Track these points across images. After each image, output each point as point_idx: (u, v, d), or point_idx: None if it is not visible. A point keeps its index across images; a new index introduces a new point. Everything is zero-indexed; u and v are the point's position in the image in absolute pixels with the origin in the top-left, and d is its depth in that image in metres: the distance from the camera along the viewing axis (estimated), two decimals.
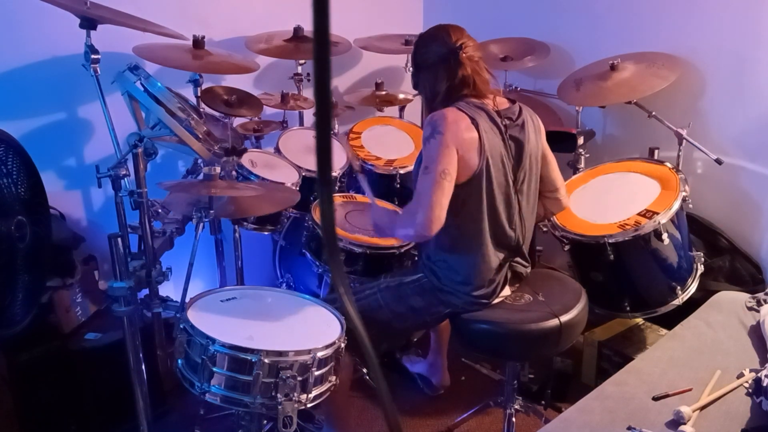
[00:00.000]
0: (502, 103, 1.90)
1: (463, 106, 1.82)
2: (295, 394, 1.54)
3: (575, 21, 2.92)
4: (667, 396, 1.61)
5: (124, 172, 1.67)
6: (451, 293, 1.91)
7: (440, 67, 1.84)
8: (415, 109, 3.23)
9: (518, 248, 1.94)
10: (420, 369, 2.57)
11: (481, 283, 1.89)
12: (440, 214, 1.73)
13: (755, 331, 1.90)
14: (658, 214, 2.06)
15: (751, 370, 1.66)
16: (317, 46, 0.50)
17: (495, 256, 1.89)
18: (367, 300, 1.97)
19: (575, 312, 1.87)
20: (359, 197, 2.58)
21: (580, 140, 2.61)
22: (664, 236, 2.04)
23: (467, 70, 1.83)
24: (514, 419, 2.15)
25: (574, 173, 2.54)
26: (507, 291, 1.97)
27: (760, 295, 2.07)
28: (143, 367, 1.82)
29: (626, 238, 2.06)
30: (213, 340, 1.53)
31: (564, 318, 1.84)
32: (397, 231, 1.86)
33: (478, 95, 1.86)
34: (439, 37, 1.87)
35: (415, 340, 2.73)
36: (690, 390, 1.63)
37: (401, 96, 3.04)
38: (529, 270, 2.02)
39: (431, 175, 1.74)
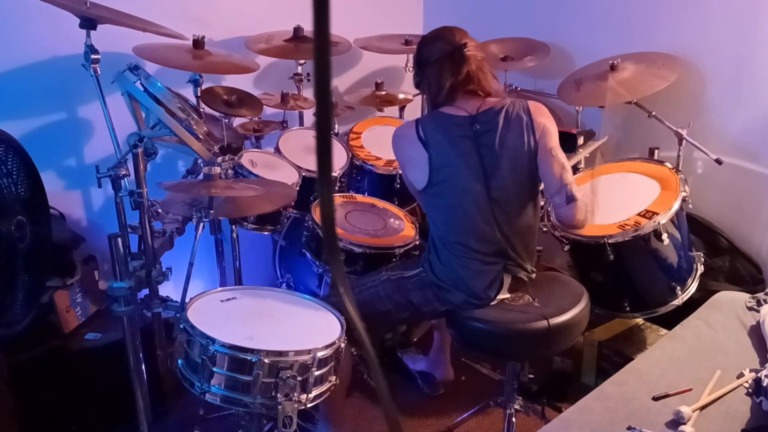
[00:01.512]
0: (487, 103, 1.89)
1: (423, 118, 1.93)
2: (295, 394, 1.53)
3: (575, 21, 2.92)
4: (667, 396, 1.61)
5: (124, 172, 1.68)
6: (448, 291, 1.92)
7: (445, 63, 1.87)
8: (415, 109, 3.23)
9: (505, 252, 1.90)
10: (422, 366, 2.57)
11: (470, 285, 1.89)
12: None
13: (755, 331, 1.90)
14: (658, 214, 2.06)
15: (751, 370, 1.66)
16: (317, 46, 0.50)
17: (477, 259, 1.88)
18: (368, 291, 1.99)
19: (568, 316, 1.86)
20: (359, 197, 2.58)
21: (580, 140, 2.60)
22: (664, 236, 2.04)
23: (472, 66, 1.86)
24: (514, 419, 2.15)
25: (574, 173, 2.53)
26: (507, 294, 1.96)
27: (760, 295, 2.07)
28: (143, 367, 1.82)
29: (626, 239, 2.06)
30: (213, 340, 1.53)
31: (554, 320, 1.83)
32: None
33: (483, 91, 1.89)
34: (443, 36, 1.90)
35: (416, 339, 2.73)
36: (690, 390, 1.62)
37: (401, 96, 3.04)
38: (533, 275, 1.99)
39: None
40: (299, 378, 1.54)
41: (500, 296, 1.94)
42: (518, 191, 1.89)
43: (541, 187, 1.97)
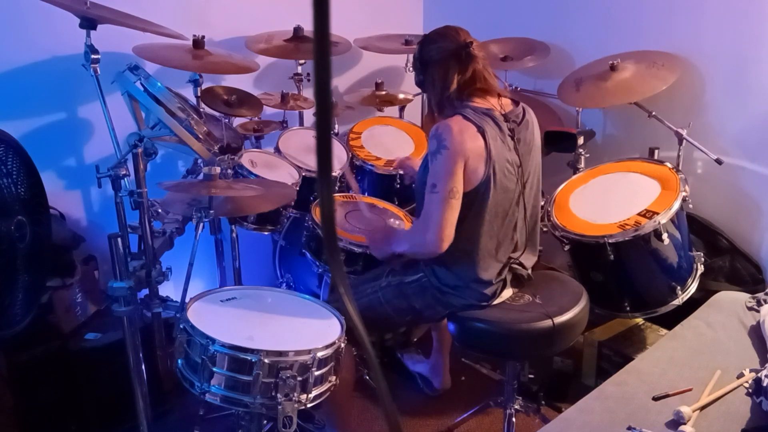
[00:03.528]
0: (507, 104, 1.90)
1: (469, 114, 1.80)
2: (295, 394, 1.53)
3: (575, 21, 2.92)
4: (667, 396, 1.61)
5: (124, 172, 1.67)
6: (451, 294, 1.91)
7: (451, 62, 1.84)
8: (415, 109, 3.23)
9: (516, 255, 1.93)
10: (421, 369, 2.57)
11: (480, 287, 1.89)
12: (450, 233, 1.77)
13: (755, 331, 1.90)
14: (658, 214, 2.06)
15: (751, 370, 1.66)
16: (317, 46, 0.50)
17: (495, 262, 1.88)
18: (368, 298, 1.98)
19: (570, 314, 1.87)
20: (359, 197, 2.58)
21: (580, 140, 2.60)
22: (664, 236, 2.04)
23: (478, 65, 1.84)
24: (514, 419, 2.15)
25: (574, 173, 2.54)
26: (509, 293, 1.96)
27: (760, 295, 2.07)
28: (143, 367, 1.82)
29: (626, 238, 2.06)
30: (213, 340, 1.53)
31: (557, 320, 1.83)
32: (402, 247, 1.90)
33: (488, 91, 1.86)
34: (448, 35, 1.87)
35: (416, 339, 2.73)
36: (690, 390, 1.63)
37: (401, 96, 3.04)
38: (529, 271, 2.00)
39: (439, 195, 1.76)
40: (299, 378, 1.54)
41: (502, 295, 1.94)
42: (538, 189, 1.95)
43: None
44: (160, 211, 1.92)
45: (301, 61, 2.85)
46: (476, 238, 1.84)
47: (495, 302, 1.93)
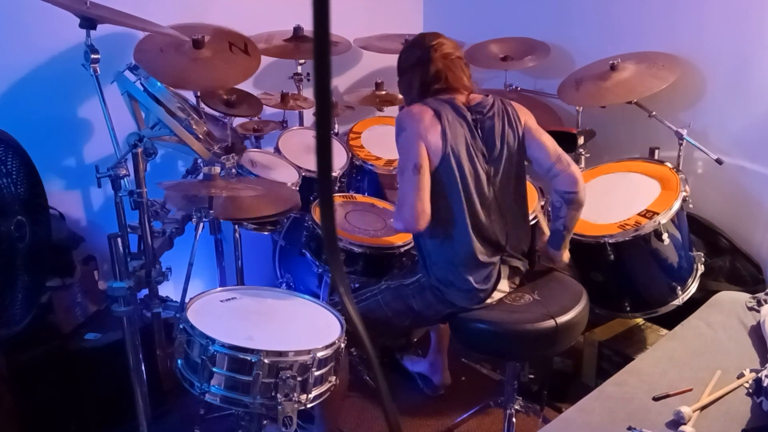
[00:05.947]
0: (475, 98, 1.94)
1: (429, 101, 1.90)
2: (295, 395, 1.53)
3: (575, 21, 2.92)
4: (667, 396, 1.61)
5: (123, 172, 1.67)
6: (448, 290, 1.91)
7: (417, 67, 1.95)
8: None
9: (502, 243, 1.93)
10: (420, 368, 2.57)
11: (472, 271, 1.88)
12: (424, 208, 1.84)
13: (755, 331, 1.90)
14: (658, 214, 2.06)
15: (751, 370, 1.66)
16: (317, 46, 0.50)
17: (480, 246, 1.89)
18: (367, 301, 1.99)
19: (572, 314, 1.87)
20: (359, 197, 2.58)
21: (580, 140, 2.60)
22: (665, 236, 2.04)
23: (439, 65, 1.92)
24: (514, 419, 2.15)
25: None
26: (506, 287, 1.96)
27: (761, 295, 2.07)
28: (143, 367, 1.82)
29: (626, 238, 2.06)
30: (213, 340, 1.53)
31: (560, 319, 1.83)
32: (397, 225, 1.93)
33: (449, 89, 1.93)
34: (416, 43, 1.98)
35: (415, 340, 2.73)
36: (690, 390, 1.62)
37: (401, 96, 3.04)
38: (527, 264, 2.00)
39: (407, 173, 1.86)
40: (299, 378, 1.54)
41: (500, 288, 1.94)
42: (512, 180, 1.94)
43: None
44: (159, 211, 1.92)
45: (301, 61, 2.85)
46: (456, 216, 1.87)
47: (494, 296, 1.93)
